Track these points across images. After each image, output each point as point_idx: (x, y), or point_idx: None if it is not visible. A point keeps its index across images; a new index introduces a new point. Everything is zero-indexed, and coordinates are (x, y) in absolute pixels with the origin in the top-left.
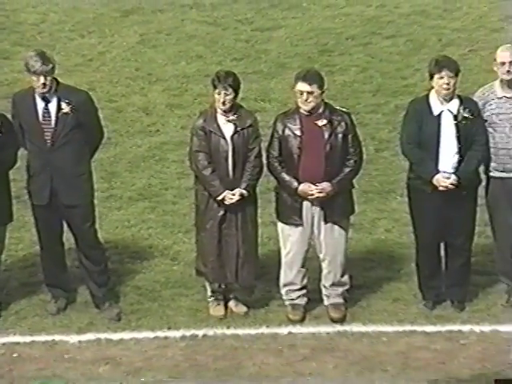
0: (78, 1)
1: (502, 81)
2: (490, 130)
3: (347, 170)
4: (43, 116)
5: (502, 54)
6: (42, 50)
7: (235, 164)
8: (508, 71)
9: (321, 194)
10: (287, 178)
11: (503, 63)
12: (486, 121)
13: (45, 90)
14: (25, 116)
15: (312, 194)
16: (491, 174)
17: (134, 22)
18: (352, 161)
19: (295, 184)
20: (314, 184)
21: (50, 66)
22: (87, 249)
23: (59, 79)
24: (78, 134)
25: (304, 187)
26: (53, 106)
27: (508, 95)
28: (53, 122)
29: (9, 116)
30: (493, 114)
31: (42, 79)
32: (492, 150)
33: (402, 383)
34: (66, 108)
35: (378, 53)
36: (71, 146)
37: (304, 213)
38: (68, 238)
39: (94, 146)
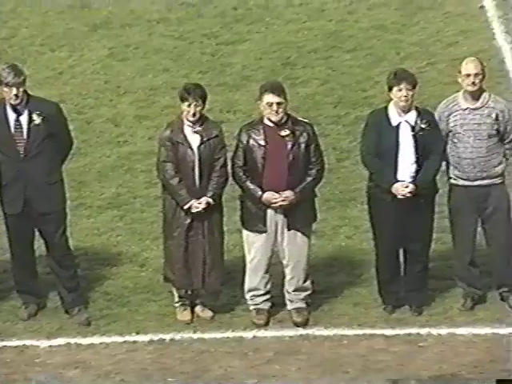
0: (48, 16)
1: (465, 92)
2: (454, 140)
3: (309, 178)
4: (15, 128)
5: (467, 66)
6: (14, 63)
7: (201, 173)
8: (473, 83)
9: (284, 202)
10: (251, 186)
11: (468, 75)
12: (451, 131)
13: (17, 101)
14: None
15: (276, 203)
16: (454, 182)
17: (102, 36)
18: (314, 170)
19: (259, 192)
20: (278, 192)
21: (22, 77)
22: (58, 255)
23: (29, 91)
24: (50, 143)
25: (268, 196)
26: (24, 118)
27: (472, 106)
28: (25, 134)
29: None
30: (457, 124)
31: (14, 90)
32: (456, 159)
33: None
34: (37, 119)
35: (339, 66)
36: (43, 156)
37: (268, 220)
38: (38, 245)
39: (64, 154)
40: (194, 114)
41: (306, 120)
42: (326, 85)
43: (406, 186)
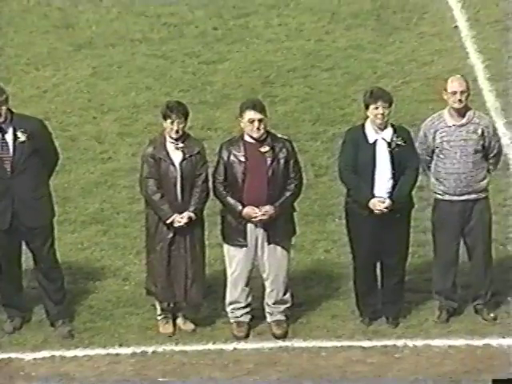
0: (33, 35)
1: (451, 109)
2: (440, 156)
3: (288, 193)
4: (1, 146)
5: (453, 84)
6: None
7: (183, 189)
8: (459, 100)
9: (264, 217)
10: (232, 201)
11: (454, 92)
12: (437, 147)
13: (1, 120)
14: None
15: (256, 217)
16: (440, 197)
17: (86, 56)
18: (293, 185)
19: (239, 207)
20: (258, 207)
21: (4, 96)
22: (46, 268)
23: (14, 110)
24: (36, 159)
25: (248, 210)
26: (9, 136)
27: (458, 123)
28: (11, 151)
29: None
30: (443, 141)
31: None
32: (443, 174)
33: None
34: (22, 137)
35: (317, 84)
36: (29, 172)
37: (248, 234)
38: (25, 258)
39: (50, 169)
40: (177, 131)
41: (285, 137)
42: (304, 103)
43: (383, 202)
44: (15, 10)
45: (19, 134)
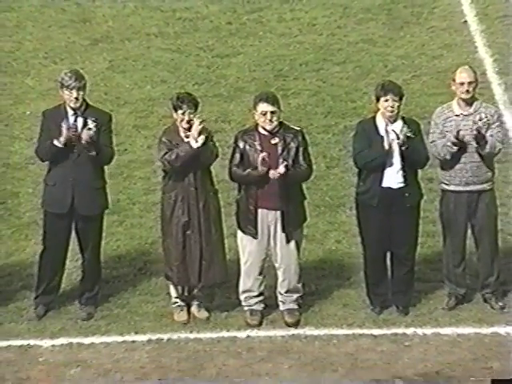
0: (51, 30)
1: (459, 100)
2: (448, 144)
3: (299, 169)
4: (71, 128)
5: (461, 75)
6: (76, 69)
7: (196, 172)
8: (467, 91)
9: (279, 172)
10: (246, 172)
11: (462, 83)
12: (445, 136)
13: (77, 105)
14: (55, 130)
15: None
16: (446, 187)
17: (103, 50)
18: (303, 167)
19: (255, 172)
20: (271, 193)
21: (83, 82)
22: (89, 256)
23: (30, 102)
24: (97, 150)
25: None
26: (80, 122)
27: (465, 113)
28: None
29: None
30: (451, 129)
31: (74, 93)
32: (449, 163)
33: (351, 382)
34: (91, 125)
35: (329, 78)
36: (91, 161)
37: (259, 225)
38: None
39: (106, 161)
40: (187, 121)
41: (297, 127)
42: (316, 96)
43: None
44: (34, 4)
45: (89, 121)
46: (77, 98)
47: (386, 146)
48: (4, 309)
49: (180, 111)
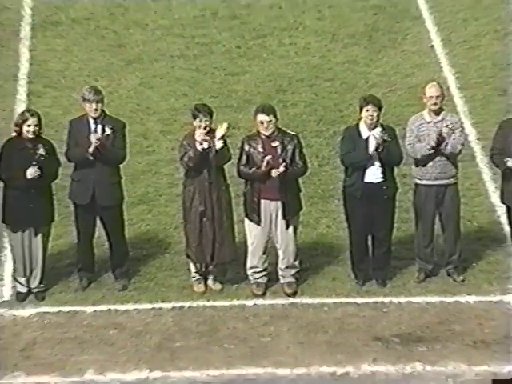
0: (93, 53)
1: (429, 110)
2: (424, 145)
3: (296, 168)
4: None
5: (430, 90)
6: (94, 85)
7: (211, 170)
8: (435, 103)
9: (280, 170)
10: (252, 170)
11: (431, 97)
12: (419, 140)
13: (97, 114)
14: (80, 135)
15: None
16: (420, 181)
17: (135, 69)
18: (299, 165)
19: (259, 171)
20: (272, 185)
21: (100, 96)
22: (115, 239)
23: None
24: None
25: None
26: (99, 128)
27: (434, 120)
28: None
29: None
30: (424, 134)
31: (94, 105)
32: (421, 161)
33: (339, 341)
34: (108, 131)
35: (321, 92)
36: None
37: (263, 213)
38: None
39: (118, 162)
40: (204, 128)
41: (293, 132)
42: (310, 107)
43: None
44: (79, 32)
45: (107, 128)
46: (96, 109)
47: (371, 151)
48: (55, 282)
49: (197, 119)
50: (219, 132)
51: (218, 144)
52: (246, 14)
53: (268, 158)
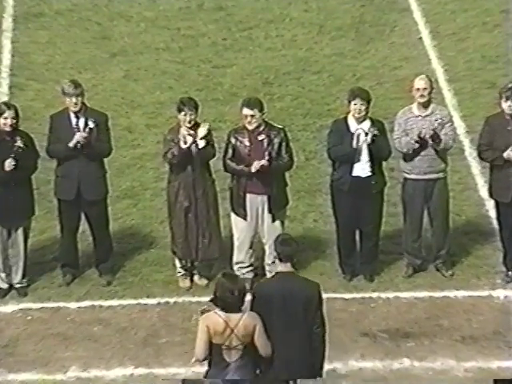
0: (77, 45)
1: (418, 103)
2: (409, 139)
3: (281, 162)
4: (75, 129)
5: (418, 83)
6: (74, 79)
7: (195, 165)
8: (422, 95)
9: (263, 163)
10: (239, 167)
11: (418, 89)
12: (407, 134)
13: (77, 109)
14: (61, 130)
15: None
16: (408, 176)
17: (119, 62)
18: (285, 159)
19: (246, 169)
20: (259, 178)
21: (80, 89)
22: (99, 234)
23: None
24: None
25: (253, 164)
26: (81, 123)
27: (423, 114)
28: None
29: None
30: (412, 128)
31: (73, 99)
32: (410, 156)
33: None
34: (91, 124)
35: (308, 85)
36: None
37: (248, 208)
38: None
39: (104, 155)
40: (189, 121)
41: (279, 126)
42: (297, 100)
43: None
44: (62, 24)
45: (89, 122)
46: (76, 103)
47: (355, 146)
48: (38, 277)
49: (182, 113)
50: (201, 132)
51: (201, 143)
52: (232, 5)
53: (262, 162)
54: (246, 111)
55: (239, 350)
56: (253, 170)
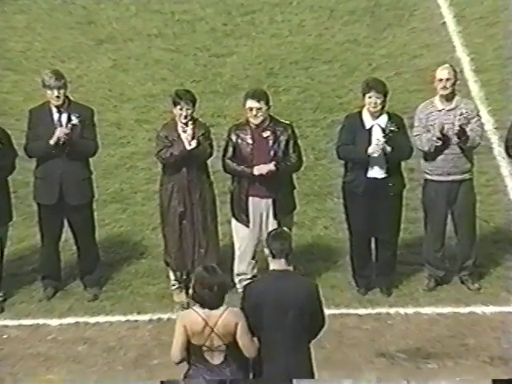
0: (59, 31)
1: (440, 95)
2: (431, 136)
3: (288, 162)
4: (57, 125)
5: (440, 73)
6: (56, 69)
7: (191, 166)
8: (444, 87)
9: (269, 168)
10: (240, 168)
11: (441, 80)
12: (428, 130)
13: (59, 102)
14: (41, 126)
15: (263, 170)
16: (429, 176)
17: (107, 50)
18: (293, 159)
19: (249, 170)
20: (263, 181)
21: (62, 81)
22: (84, 242)
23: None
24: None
25: (257, 167)
26: (64, 118)
27: (447, 108)
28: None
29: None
30: (434, 123)
31: (55, 92)
32: (432, 155)
33: (338, 357)
34: (75, 120)
35: (317, 76)
36: (77, 154)
37: (251, 213)
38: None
39: (90, 154)
40: (185, 116)
41: (286, 122)
42: (305, 92)
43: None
44: (43, 7)
45: (73, 117)
46: (58, 97)
47: (370, 151)
48: (16, 290)
49: (178, 107)
50: (188, 134)
51: (192, 143)
52: None
53: (269, 168)
54: (252, 103)
55: (222, 352)
56: (255, 172)
